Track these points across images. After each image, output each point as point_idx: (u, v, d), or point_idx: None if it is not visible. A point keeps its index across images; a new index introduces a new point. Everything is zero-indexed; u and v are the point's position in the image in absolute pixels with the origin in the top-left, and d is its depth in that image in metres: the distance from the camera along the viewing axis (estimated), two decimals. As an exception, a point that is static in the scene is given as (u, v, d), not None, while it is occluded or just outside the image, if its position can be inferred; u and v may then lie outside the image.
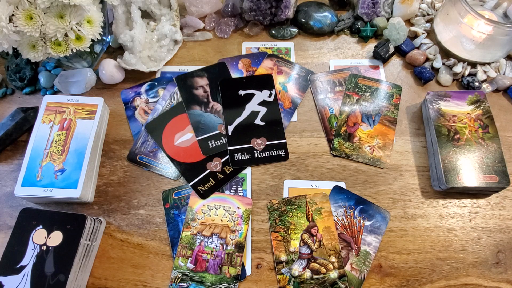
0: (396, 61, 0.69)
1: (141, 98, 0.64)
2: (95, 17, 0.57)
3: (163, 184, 0.57)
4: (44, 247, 0.47)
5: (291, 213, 0.54)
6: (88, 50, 0.58)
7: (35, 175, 0.53)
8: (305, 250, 0.52)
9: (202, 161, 0.58)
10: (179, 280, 0.50)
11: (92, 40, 0.58)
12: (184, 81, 0.65)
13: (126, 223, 0.55)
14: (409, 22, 0.72)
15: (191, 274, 0.51)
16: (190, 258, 0.51)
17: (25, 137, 0.61)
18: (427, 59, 0.67)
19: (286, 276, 0.50)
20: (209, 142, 0.60)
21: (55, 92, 0.65)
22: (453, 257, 0.52)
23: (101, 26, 0.59)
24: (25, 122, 0.59)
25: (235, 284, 0.50)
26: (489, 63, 0.65)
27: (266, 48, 0.70)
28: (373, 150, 0.59)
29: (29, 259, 0.47)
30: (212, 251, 0.52)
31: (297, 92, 0.65)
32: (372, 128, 0.61)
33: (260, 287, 0.50)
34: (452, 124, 0.57)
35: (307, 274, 0.50)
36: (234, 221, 0.54)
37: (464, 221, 0.54)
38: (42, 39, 0.55)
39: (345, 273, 0.50)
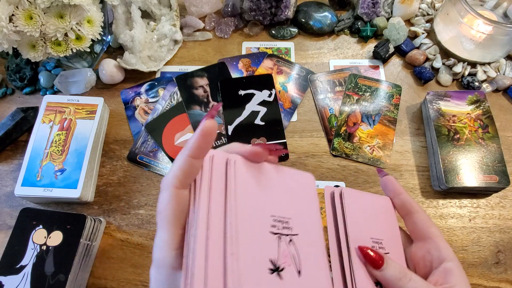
0: (396, 61, 0.69)
1: (141, 98, 0.64)
2: (95, 17, 0.57)
3: (163, 184, 0.57)
4: (44, 247, 0.47)
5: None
6: (88, 50, 0.58)
7: (35, 175, 0.53)
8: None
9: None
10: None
11: (92, 40, 0.58)
12: (184, 81, 0.65)
13: (126, 223, 0.55)
14: (409, 22, 0.72)
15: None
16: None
17: (25, 137, 0.61)
18: (427, 59, 0.67)
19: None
20: (209, 142, 0.60)
21: (55, 92, 0.65)
22: (453, 257, 0.52)
23: (101, 26, 0.59)
24: (25, 122, 0.59)
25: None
26: (489, 63, 0.65)
27: (266, 48, 0.70)
28: (373, 150, 0.59)
29: (29, 259, 0.47)
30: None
31: (297, 92, 0.65)
32: (372, 128, 0.61)
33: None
34: (452, 124, 0.57)
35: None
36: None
37: (464, 221, 0.54)
38: (42, 39, 0.55)
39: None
